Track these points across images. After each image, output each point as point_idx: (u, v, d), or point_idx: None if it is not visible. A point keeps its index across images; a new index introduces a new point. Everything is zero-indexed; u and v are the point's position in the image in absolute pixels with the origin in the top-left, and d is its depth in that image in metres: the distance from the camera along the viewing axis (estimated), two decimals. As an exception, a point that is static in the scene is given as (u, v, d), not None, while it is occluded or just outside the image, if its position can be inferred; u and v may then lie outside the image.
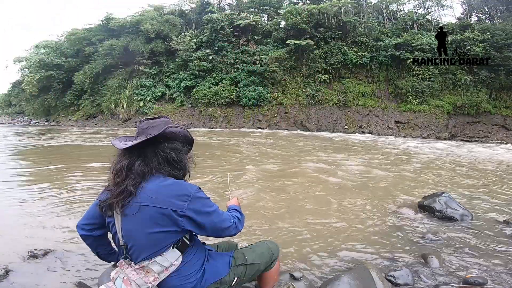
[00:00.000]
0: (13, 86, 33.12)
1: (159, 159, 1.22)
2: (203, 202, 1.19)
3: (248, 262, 1.41)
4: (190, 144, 1.44)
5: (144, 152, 1.23)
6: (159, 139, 1.24)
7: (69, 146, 10.20)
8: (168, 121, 1.32)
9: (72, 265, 2.17)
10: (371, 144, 12.94)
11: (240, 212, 1.45)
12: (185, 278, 1.17)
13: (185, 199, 1.14)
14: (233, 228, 1.29)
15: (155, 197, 1.14)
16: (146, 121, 1.31)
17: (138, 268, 1.13)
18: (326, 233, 2.89)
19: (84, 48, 27.14)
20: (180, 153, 1.29)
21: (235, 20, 25.33)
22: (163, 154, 1.23)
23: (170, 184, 1.18)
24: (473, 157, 9.23)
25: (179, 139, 1.32)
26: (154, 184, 1.17)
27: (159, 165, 1.22)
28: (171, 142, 1.28)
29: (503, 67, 19.83)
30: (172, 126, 1.29)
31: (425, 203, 3.56)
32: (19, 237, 2.62)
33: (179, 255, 1.17)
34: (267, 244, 1.56)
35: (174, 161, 1.25)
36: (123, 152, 1.25)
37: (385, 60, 21.85)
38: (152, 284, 1.11)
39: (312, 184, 4.88)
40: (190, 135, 1.41)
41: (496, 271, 2.20)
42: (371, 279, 1.87)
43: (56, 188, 4.27)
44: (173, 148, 1.27)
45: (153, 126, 1.26)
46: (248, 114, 22.16)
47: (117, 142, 1.27)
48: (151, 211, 1.12)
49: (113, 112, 24.03)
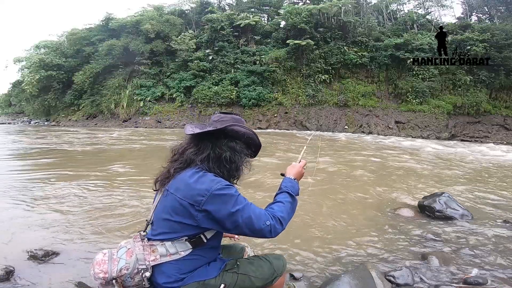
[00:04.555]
0: (13, 86, 33.07)
1: (211, 154, 1.20)
2: (225, 199, 1.09)
3: (240, 271, 1.28)
4: (256, 148, 1.38)
5: (202, 143, 1.23)
6: (221, 134, 1.22)
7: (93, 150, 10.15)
8: (239, 119, 1.30)
9: (72, 265, 2.16)
10: (370, 144, 12.94)
11: (292, 196, 1.29)
12: (176, 271, 1.14)
13: (204, 193, 1.09)
14: (268, 232, 1.14)
15: (179, 187, 1.14)
16: (219, 114, 1.31)
17: (148, 245, 1.15)
18: (326, 233, 2.88)
19: (84, 48, 27.13)
20: (237, 154, 1.24)
21: (235, 20, 25.35)
22: (218, 150, 1.21)
23: (196, 176, 1.14)
24: (473, 157, 9.23)
25: (242, 140, 1.28)
26: (187, 174, 1.16)
27: (208, 159, 1.20)
28: (232, 140, 1.24)
29: (503, 67, 19.84)
30: (239, 125, 1.26)
31: (425, 203, 3.55)
32: (19, 237, 2.62)
33: (189, 248, 1.15)
34: (270, 259, 1.38)
35: (225, 160, 1.20)
36: (189, 137, 1.28)
37: (385, 60, 21.85)
38: (150, 263, 1.12)
39: (312, 184, 4.87)
40: (257, 139, 1.34)
41: (496, 271, 2.20)
42: (371, 279, 1.87)
43: (57, 189, 4.28)
44: (231, 147, 1.23)
45: (222, 120, 1.26)
46: (248, 114, 22.15)
47: (188, 127, 1.28)
48: (173, 199, 1.14)
49: (113, 112, 24.01)
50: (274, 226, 1.14)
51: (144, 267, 1.11)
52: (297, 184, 1.38)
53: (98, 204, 3.56)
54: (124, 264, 1.11)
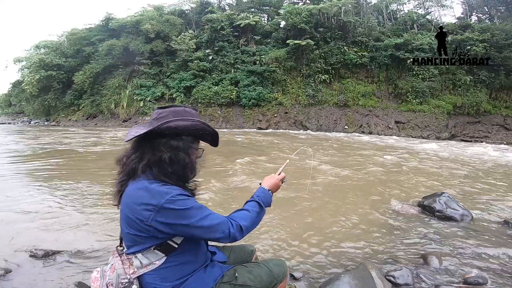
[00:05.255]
0: (13, 86, 33.08)
1: (151, 158, 1.08)
2: (175, 213, 1.00)
3: (238, 282, 1.21)
4: (213, 137, 1.25)
5: (143, 147, 1.11)
6: (157, 134, 1.08)
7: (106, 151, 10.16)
8: (179, 112, 1.14)
9: (72, 265, 2.17)
10: (370, 144, 12.93)
11: (260, 206, 1.24)
12: (160, 280, 1.09)
13: (151, 209, 0.99)
14: (226, 239, 1.09)
15: (127, 202, 1.06)
16: (157, 110, 1.15)
17: (126, 258, 1.11)
18: (326, 233, 2.88)
19: (84, 48, 27.16)
20: (180, 153, 1.09)
21: (235, 20, 25.36)
22: (157, 152, 1.07)
23: (141, 188, 1.03)
24: (473, 157, 9.23)
25: (187, 134, 1.13)
26: (132, 187, 1.07)
27: (149, 165, 1.08)
28: (173, 138, 1.09)
29: (503, 67, 19.85)
30: (179, 119, 1.10)
31: (425, 203, 3.56)
32: (19, 237, 2.62)
33: (162, 256, 1.08)
34: (271, 266, 1.32)
35: (166, 163, 1.07)
36: (132, 142, 1.14)
37: (385, 60, 21.86)
38: (131, 276, 1.08)
39: (311, 184, 4.87)
40: (208, 128, 1.20)
41: (496, 271, 2.20)
42: (371, 279, 1.87)
43: (58, 189, 4.28)
44: (171, 146, 1.09)
45: (160, 117, 1.11)
46: (248, 114, 22.16)
47: (130, 132, 1.13)
48: (125, 215, 1.07)
49: (113, 112, 24.02)
50: (233, 234, 1.10)
51: (126, 281, 1.07)
52: (270, 195, 1.33)
53: (99, 204, 3.57)
54: (108, 280, 1.09)
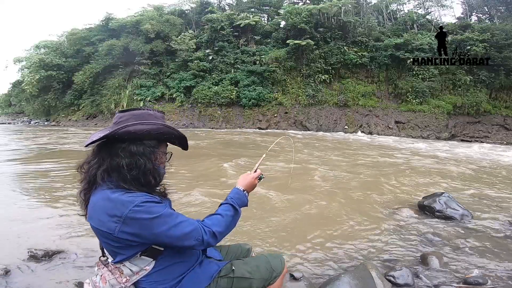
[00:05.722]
0: (13, 86, 33.08)
1: (109, 165, 1.02)
2: (141, 223, 0.95)
3: (236, 274, 1.19)
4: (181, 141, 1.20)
5: (102, 153, 1.05)
6: (115, 139, 1.02)
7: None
8: (141, 115, 1.07)
9: (72, 265, 2.17)
10: (370, 144, 12.93)
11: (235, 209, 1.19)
12: (157, 284, 1.07)
13: (116, 220, 0.94)
14: (199, 245, 1.05)
15: (91, 213, 1.01)
16: (118, 113, 1.08)
17: (114, 268, 1.06)
18: (326, 233, 2.88)
19: (84, 48, 27.15)
20: (139, 159, 1.02)
21: (235, 20, 25.35)
22: (115, 158, 1.02)
23: (103, 199, 0.98)
24: (473, 157, 9.23)
25: (148, 138, 1.06)
26: (96, 197, 1.02)
27: (108, 172, 1.02)
28: (133, 143, 1.03)
29: (503, 67, 19.84)
30: (140, 122, 1.04)
31: (425, 203, 3.56)
32: (19, 237, 2.62)
33: (150, 261, 1.05)
34: (268, 258, 1.33)
35: (125, 170, 1.00)
36: (93, 148, 1.08)
37: (385, 60, 21.85)
38: (125, 285, 1.04)
39: (312, 184, 4.87)
40: (174, 131, 1.13)
41: (496, 271, 2.20)
42: (371, 279, 1.87)
43: (58, 189, 4.27)
44: (130, 151, 1.02)
45: (120, 121, 1.05)
46: (248, 114, 22.16)
47: (92, 135, 1.06)
48: (94, 227, 1.02)
49: (113, 112, 23.97)
50: (207, 240, 1.06)
51: None
52: (245, 195, 1.27)
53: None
54: None
